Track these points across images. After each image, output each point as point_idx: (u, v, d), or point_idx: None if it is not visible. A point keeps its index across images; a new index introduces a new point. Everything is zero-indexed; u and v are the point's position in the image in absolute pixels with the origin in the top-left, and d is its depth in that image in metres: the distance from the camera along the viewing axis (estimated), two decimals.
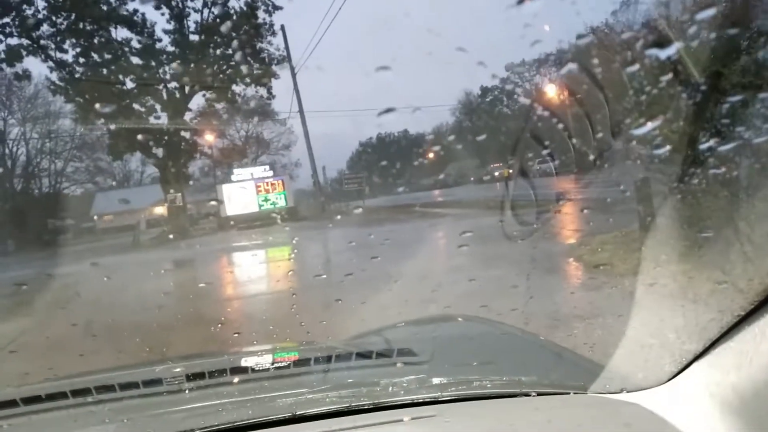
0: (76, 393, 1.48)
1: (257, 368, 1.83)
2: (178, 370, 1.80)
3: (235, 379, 1.64)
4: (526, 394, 1.14)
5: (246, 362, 1.99)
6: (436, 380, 1.28)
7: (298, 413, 1.10)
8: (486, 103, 51.59)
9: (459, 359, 1.55)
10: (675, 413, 0.97)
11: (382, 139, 54.86)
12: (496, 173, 29.91)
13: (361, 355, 1.63)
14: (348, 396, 1.22)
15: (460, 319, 2.18)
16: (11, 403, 1.44)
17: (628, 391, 1.09)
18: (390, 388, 1.26)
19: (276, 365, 1.87)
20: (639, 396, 1.06)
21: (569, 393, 1.16)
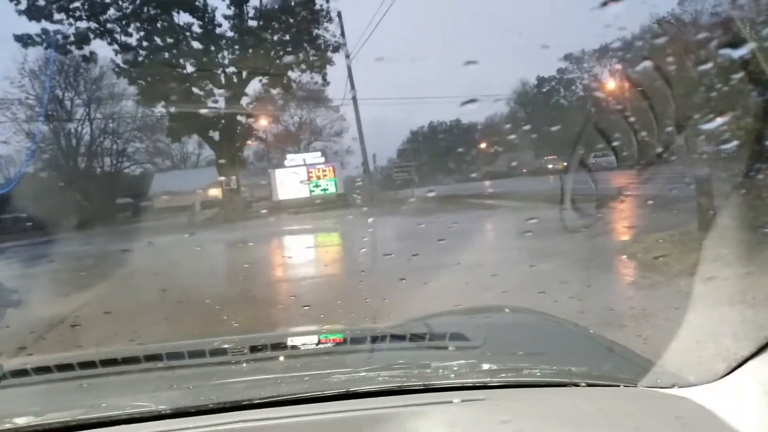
0: (148, 358, 1.61)
1: (315, 346, 1.92)
2: (241, 343, 1.90)
3: (294, 355, 1.73)
4: (576, 385, 1.14)
5: (305, 340, 2.09)
6: (486, 366, 1.29)
7: (351, 390, 1.14)
8: (542, 93, 50.63)
9: (510, 347, 1.57)
10: (727, 409, 0.96)
11: (434, 127, 54.57)
12: (550, 165, 29.34)
13: (415, 337, 1.66)
14: (399, 376, 1.24)
15: (507, 310, 2.19)
16: (91, 364, 1.57)
17: (680, 386, 1.08)
18: (441, 371, 1.28)
19: (332, 344, 1.94)
20: (691, 391, 1.05)
21: (619, 386, 1.15)
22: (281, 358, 1.67)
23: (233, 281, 8.65)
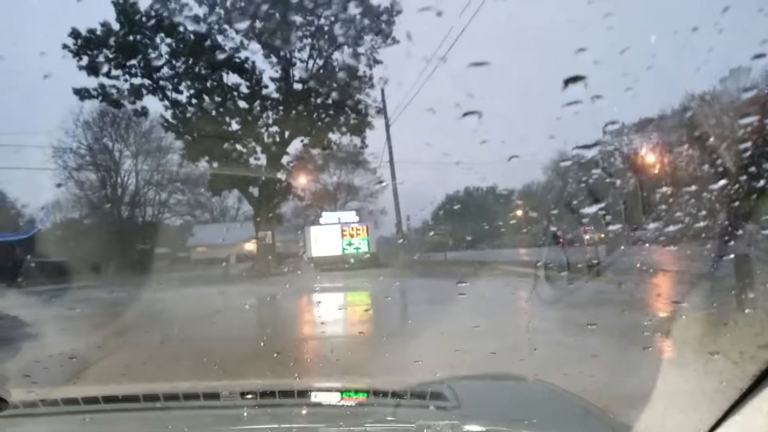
0: (147, 398, 1.67)
1: (307, 398, 1.96)
2: (235, 389, 1.95)
3: (282, 405, 1.76)
4: None
5: (297, 391, 2.12)
6: (467, 427, 1.31)
7: None
8: (580, 164, 50.44)
9: (494, 412, 1.59)
10: None
11: (469, 192, 54.70)
12: (587, 236, 28.93)
13: (397, 395, 1.70)
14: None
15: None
16: (93, 400, 1.66)
17: None
18: (424, 429, 1.31)
19: (321, 397, 1.98)
20: None
21: None
22: (270, 409, 1.72)
23: (256, 338, 8.70)
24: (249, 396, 1.79)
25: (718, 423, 0.93)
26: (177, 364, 6.13)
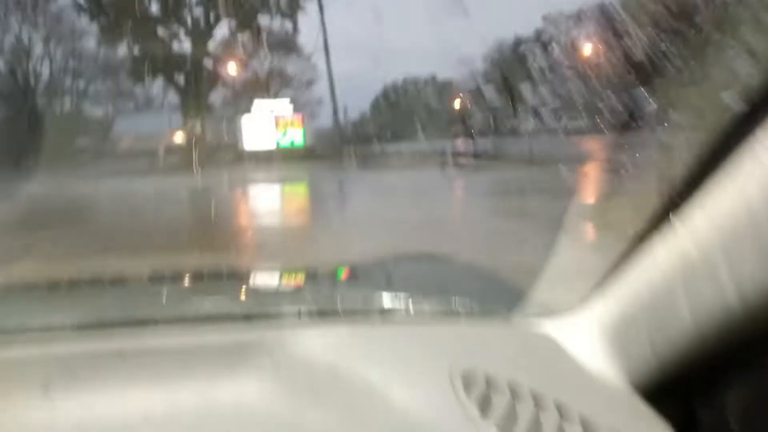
0: (77, 282, 1.69)
1: (239, 279, 2.00)
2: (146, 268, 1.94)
3: (195, 280, 1.82)
4: (455, 316, 1.20)
5: (227, 272, 2.19)
6: (375, 296, 1.34)
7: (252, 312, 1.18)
8: (518, 54, 50.23)
9: (405, 285, 1.60)
10: (573, 343, 1.01)
11: (408, 82, 53.87)
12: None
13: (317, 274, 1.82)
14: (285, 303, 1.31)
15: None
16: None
17: (543, 316, 1.12)
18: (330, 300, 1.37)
19: (253, 279, 2.01)
20: (551, 323, 1.09)
21: (495, 317, 1.22)
22: (223, 286, 1.75)
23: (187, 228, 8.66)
24: (184, 277, 1.83)
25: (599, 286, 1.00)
26: (107, 254, 6.05)
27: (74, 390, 0.92)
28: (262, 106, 26.50)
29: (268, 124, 25.20)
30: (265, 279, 1.95)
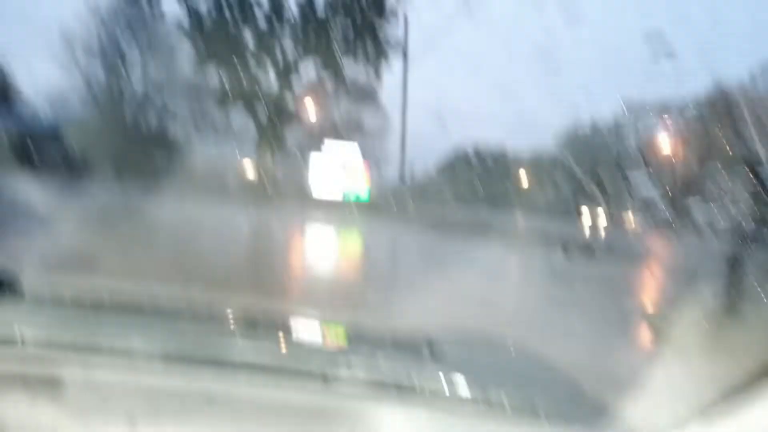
0: (150, 302, 1.73)
1: (287, 326, 1.98)
2: (241, 307, 1.97)
3: (280, 329, 1.79)
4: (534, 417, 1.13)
5: (298, 318, 2.17)
6: (455, 379, 1.27)
7: (331, 377, 1.15)
8: (593, 138, 49.79)
9: (480, 371, 1.57)
10: None
11: (477, 151, 54.03)
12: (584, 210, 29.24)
13: (379, 340, 1.72)
14: (371, 370, 1.28)
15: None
16: (98, 296, 1.73)
17: None
18: (411, 375, 1.29)
19: (302, 327, 1.99)
20: None
21: (577, 425, 1.14)
22: (269, 330, 1.74)
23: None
24: (234, 314, 1.84)
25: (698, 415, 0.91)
26: (171, 271, 6.22)
27: (159, 425, 0.93)
28: (331, 147, 27.13)
29: (335, 166, 25.71)
30: (342, 336, 1.95)
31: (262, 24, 25.35)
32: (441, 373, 1.29)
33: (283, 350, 1.41)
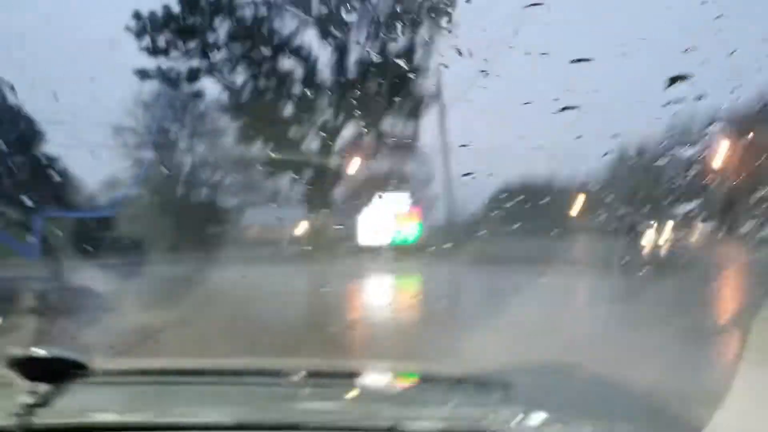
0: (218, 373, 1.80)
1: (359, 379, 2.04)
2: (302, 368, 1.96)
3: (348, 385, 1.83)
4: None
5: (366, 372, 2.24)
6: (532, 418, 1.32)
7: (399, 429, 1.18)
8: (642, 160, 48.57)
9: (556, 403, 1.59)
10: None
11: (525, 184, 53.40)
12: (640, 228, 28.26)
13: (451, 380, 1.77)
14: (447, 419, 1.32)
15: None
16: (168, 373, 1.81)
17: None
18: (489, 417, 1.33)
19: (374, 380, 2.04)
20: None
21: None
22: (338, 388, 1.79)
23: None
24: (302, 375, 1.83)
25: None
26: (243, 340, 6.36)
27: None
28: (382, 200, 27.37)
29: (385, 218, 25.86)
30: (412, 386, 1.95)
31: (299, 90, 26.15)
32: (521, 414, 1.30)
33: (353, 407, 1.42)
